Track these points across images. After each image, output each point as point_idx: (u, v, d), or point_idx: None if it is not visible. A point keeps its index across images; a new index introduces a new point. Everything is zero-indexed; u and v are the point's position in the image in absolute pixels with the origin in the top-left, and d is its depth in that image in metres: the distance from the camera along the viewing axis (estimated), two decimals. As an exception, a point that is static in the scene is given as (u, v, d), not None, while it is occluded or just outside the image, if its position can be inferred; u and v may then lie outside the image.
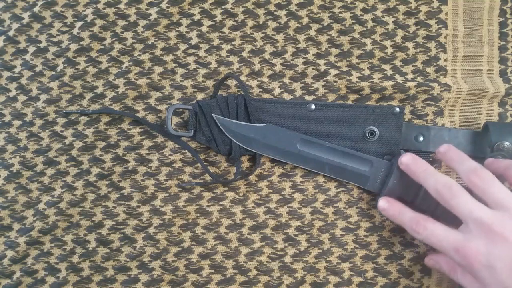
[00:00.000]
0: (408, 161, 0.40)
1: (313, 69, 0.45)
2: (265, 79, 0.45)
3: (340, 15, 0.46)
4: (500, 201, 0.34)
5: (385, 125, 0.43)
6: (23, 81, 0.45)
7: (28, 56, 0.45)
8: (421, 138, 0.43)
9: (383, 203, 0.40)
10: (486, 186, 0.35)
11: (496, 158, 0.39)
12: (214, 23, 0.46)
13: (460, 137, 0.44)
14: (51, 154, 0.44)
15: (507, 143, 0.40)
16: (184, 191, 0.44)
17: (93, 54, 0.45)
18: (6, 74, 0.45)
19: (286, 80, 0.45)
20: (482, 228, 0.33)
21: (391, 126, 0.43)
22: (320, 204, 0.44)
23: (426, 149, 0.43)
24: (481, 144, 0.43)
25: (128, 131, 0.44)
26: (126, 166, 0.44)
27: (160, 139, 0.44)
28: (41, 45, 0.45)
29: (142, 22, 0.45)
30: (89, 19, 0.45)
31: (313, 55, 0.45)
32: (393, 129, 0.43)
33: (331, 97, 0.45)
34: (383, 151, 0.43)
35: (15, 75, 0.45)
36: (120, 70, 0.45)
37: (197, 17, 0.46)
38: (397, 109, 0.43)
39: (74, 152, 0.44)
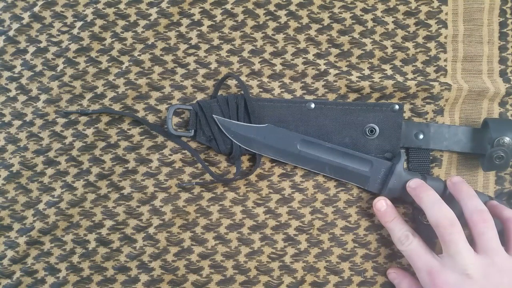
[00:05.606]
0: (415, 184, 0.40)
1: (313, 69, 0.45)
2: (265, 79, 0.45)
3: (340, 15, 0.46)
4: (488, 249, 0.36)
5: (385, 122, 0.43)
6: (23, 81, 0.45)
7: (28, 56, 0.45)
8: (421, 136, 0.43)
9: (382, 205, 0.41)
10: (483, 230, 0.36)
11: (501, 203, 0.40)
12: (214, 23, 0.46)
13: (460, 134, 0.44)
14: (51, 154, 0.44)
15: (507, 139, 0.40)
16: (184, 191, 0.44)
17: (93, 54, 0.45)
18: (6, 74, 0.45)
19: (286, 80, 0.45)
20: (460, 267, 0.36)
21: (391, 123, 0.43)
22: (319, 204, 0.44)
23: (426, 146, 0.43)
24: (481, 141, 0.43)
25: (128, 131, 0.44)
26: (126, 166, 0.44)
27: (160, 139, 0.44)
28: (41, 45, 0.45)
29: (142, 22, 0.45)
30: (89, 19, 0.45)
31: (313, 55, 0.45)
32: (393, 126, 0.43)
33: (331, 96, 0.45)
34: (383, 149, 0.43)
35: (15, 75, 0.45)
36: (120, 70, 0.45)
37: (197, 17, 0.46)
38: (397, 106, 0.43)
39: (74, 152, 0.44)
